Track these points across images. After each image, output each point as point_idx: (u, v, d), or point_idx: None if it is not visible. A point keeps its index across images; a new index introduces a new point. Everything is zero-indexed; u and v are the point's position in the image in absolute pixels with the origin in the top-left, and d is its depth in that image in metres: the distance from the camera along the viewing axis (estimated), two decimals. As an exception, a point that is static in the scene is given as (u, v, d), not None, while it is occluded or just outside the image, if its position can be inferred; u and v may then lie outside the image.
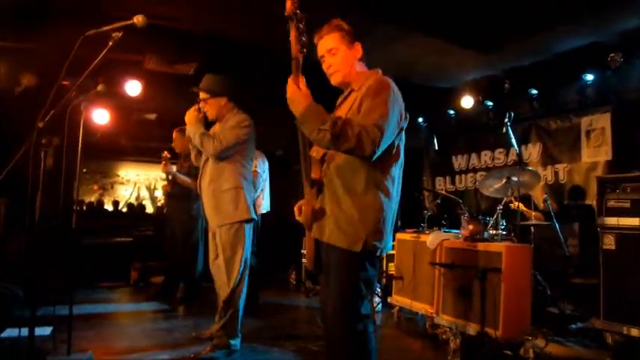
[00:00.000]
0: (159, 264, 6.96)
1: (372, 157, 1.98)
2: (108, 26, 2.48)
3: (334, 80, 2.25)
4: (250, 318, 4.79)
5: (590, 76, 5.74)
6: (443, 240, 4.34)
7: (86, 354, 3.42)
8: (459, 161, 7.76)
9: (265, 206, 5.44)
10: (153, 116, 8.17)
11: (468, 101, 6.93)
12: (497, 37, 5.36)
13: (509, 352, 3.60)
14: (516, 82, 6.42)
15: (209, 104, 3.64)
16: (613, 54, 5.30)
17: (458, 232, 4.42)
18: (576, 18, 4.87)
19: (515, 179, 4.45)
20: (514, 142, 4.55)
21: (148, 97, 6.60)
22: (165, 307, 5.49)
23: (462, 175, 7.69)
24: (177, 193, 5.64)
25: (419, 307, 4.54)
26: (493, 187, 4.81)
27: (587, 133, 5.87)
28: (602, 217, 4.02)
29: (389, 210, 2.13)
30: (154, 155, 5.83)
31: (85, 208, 9.72)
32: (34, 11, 4.82)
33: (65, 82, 3.06)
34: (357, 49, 2.23)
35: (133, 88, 6.20)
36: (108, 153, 9.53)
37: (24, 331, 2.70)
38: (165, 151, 5.37)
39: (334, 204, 2.10)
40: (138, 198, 10.96)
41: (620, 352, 3.78)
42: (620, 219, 3.88)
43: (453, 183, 7.85)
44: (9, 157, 2.73)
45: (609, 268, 3.91)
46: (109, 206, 10.38)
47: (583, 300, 4.62)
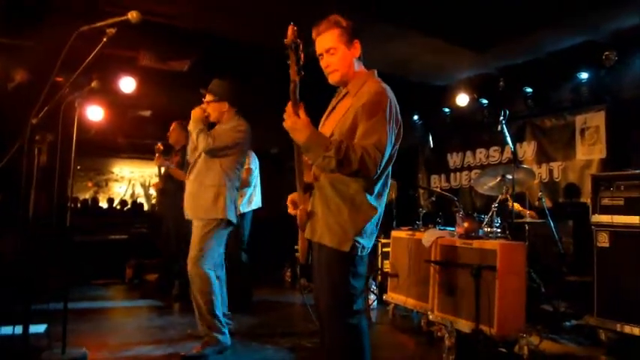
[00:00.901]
0: (153, 261, 6.95)
1: (375, 177, 2.05)
2: (102, 22, 2.47)
3: (332, 79, 2.24)
4: (245, 315, 4.80)
5: (585, 75, 5.75)
6: (438, 238, 4.34)
7: (81, 351, 3.41)
8: (454, 159, 7.77)
9: (257, 202, 5.42)
10: (147, 113, 8.15)
11: (463, 99, 6.93)
12: (492, 35, 5.37)
13: (503, 350, 3.61)
14: (511, 80, 6.43)
15: (212, 107, 3.78)
16: (607, 52, 5.31)
17: (453, 229, 4.43)
18: (571, 17, 4.88)
19: (510, 177, 4.46)
20: (509, 140, 4.56)
21: (142, 94, 6.57)
22: (160, 304, 5.48)
23: (457, 173, 7.70)
24: (169, 189, 5.61)
25: (414, 304, 4.55)
26: (488, 185, 4.82)
27: (582, 131, 5.89)
28: (596, 215, 4.04)
29: (377, 212, 2.18)
30: (148, 152, 5.81)
31: (80, 205, 9.68)
32: (27, 7, 4.78)
33: (59, 79, 3.04)
34: (356, 47, 2.21)
35: (127, 84, 6.17)
36: (102, 150, 9.51)
37: (18, 329, 2.69)
38: (159, 144, 5.35)
39: (325, 206, 2.14)
40: (132, 195, 10.94)
41: (614, 349, 3.80)
42: (614, 217, 3.90)
43: (448, 181, 7.87)
44: (2, 154, 2.72)
45: (603, 265, 3.93)
46: (103, 203, 10.35)
47: (577, 297, 4.64)
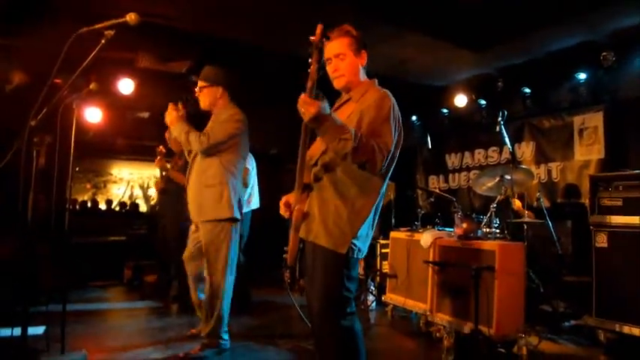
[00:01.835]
0: (152, 262, 6.94)
1: (378, 174, 2.09)
2: (100, 24, 2.46)
3: (338, 84, 2.30)
4: (243, 316, 4.80)
5: (583, 75, 5.77)
6: (436, 238, 4.35)
7: (80, 353, 3.41)
8: (452, 160, 7.77)
9: (255, 203, 5.42)
10: (146, 115, 8.13)
11: (461, 100, 6.94)
12: (491, 36, 5.38)
13: (502, 350, 3.61)
14: (509, 80, 6.44)
15: (204, 93, 3.64)
16: (605, 53, 5.33)
17: (451, 230, 4.43)
18: (569, 17, 4.89)
19: (509, 177, 4.46)
20: (507, 140, 4.56)
21: (140, 96, 6.57)
22: (159, 305, 5.48)
23: (456, 174, 7.71)
24: (169, 190, 5.61)
25: (413, 305, 4.55)
26: (486, 186, 4.83)
27: (580, 131, 5.90)
28: (594, 215, 4.04)
29: (374, 214, 2.22)
30: (147, 154, 5.81)
31: (78, 207, 9.67)
32: (25, 8, 4.78)
33: (57, 81, 3.04)
34: (363, 57, 2.29)
35: (125, 86, 6.17)
36: (101, 152, 9.49)
37: (17, 331, 2.69)
38: (161, 146, 5.33)
39: (323, 207, 2.16)
40: (131, 197, 10.92)
41: (613, 350, 3.80)
42: (613, 217, 3.90)
43: (446, 181, 7.87)
44: (0, 156, 2.71)
45: (602, 266, 3.93)
46: (102, 205, 10.34)
47: (576, 298, 4.64)
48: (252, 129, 3.74)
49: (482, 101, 6.94)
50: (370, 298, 5.39)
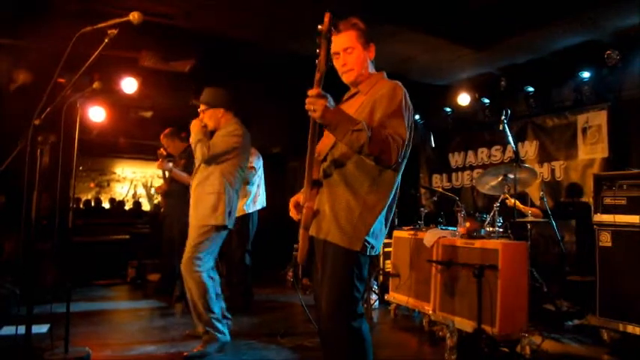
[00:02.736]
0: (155, 261, 6.96)
1: (393, 166, 2.01)
2: (104, 23, 2.47)
3: (347, 78, 2.26)
4: (246, 315, 4.81)
5: (587, 74, 5.74)
6: (440, 237, 4.35)
7: (84, 351, 3.42)
8: (455, 158, 7.76)
9: (262, 202, 5.43)
10: (149, 114, 8.15)
11: (464, 99, 6.93)
12: (494, 34, 5.36)
13: (505, 349, 3.61)
14: (513, 79, 6.42)
15: (208, 115, 3.79)
16: (609, 51, 5.30)
17: (455, 229, 4.43)
18: (572, 15, 4.87)
19: (512, 176, 4.46)
20: (511, 139, 4.56)
21: (144, 95, 6.59)
22: (162, 304, 5.48)
23: (459, 173, 7.70)
24: (174, 191, 5.62)
25: (416, 304, 4.55)
26: (490, 185, 4.82)
27: (584, 130, 5.88)
28: (598, 215, 4.03)
29: (388, 211, 2.17)
30: (150, 153, 5.82)
31: (82, 205, 9.70)
32: (29, 8, 4.79)
33: (61, 80, 3.05)
34: (371, 49, 2.26)
35: (129, 85, 6.17)
36: (104, 150, 9.53)
37: (21, 329, 2.70)
38: (162, 148, 5.35)
39: (335, 202, 2.10)
40: (134, 195, 10.95)
41: (616, 349, 3.79)
42: (617, 216, 3.89)
43: (449, 180, 7.86)
44: (5, 156, 2.73)
45: (605, 265, 3.92)
46: (105, 204, 10.37)
47: (579, 297, 4.64)
48: (255, 128, 3.80)
49: (486, 100, 6.93)
50: (373, 297, 5.39)
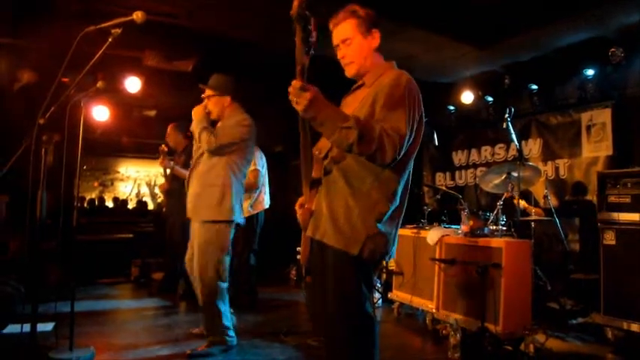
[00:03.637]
0: (159, 260, 6.98)
1: (392, 164, 1.86)
2: (107, 22, 2.48)
3: (348, 72, 2.12)
4: (250, 314, 4.82)
5: (591, 71, 5.73)
6: (443, 236, 4.34)
7: (88, 350, 3.43)
8: (458, 157, 7.75)
9: (266, 202, 5.43)
10: (153, 113, 8.18)
11: (468, 97, 6.91)
12: (497, 32, 5.35)
13: (509, 348, 3.60)
14: (516, 77, 6.41)
15: (213, 102, 3.64)
16: (613, 49, 5.28)
17: (458, 227, 4.42)
18: (576, 12, 4.85)
19: (516, 175, 4.45)
20: (514, 137, 4.55)
21: (147, 94, 6.61)
22: (166, 303, 5.50)
23: (462, 171, 7.69)
24: (176, 189, 5.63)
25: (419, 302, 4.55)
26: (493, 183, 4.82)
27: (588, 128, 5.86)
28: (602, 213, 4.02)
29: (394, 212, 1.99)
30: (153, 152, 5.83)
31: (86, 204, 9.73)
32: (33, 7, 4.81)
33: (65, 79, 3.06)
34: (375, 37, 2.09)
35: (132, 84, 6.19)
36: (108, 150, 9.55)
37: (26, 327, 2.72)
38: (163, 145, 5.35)
39: (333, 201, 1.96)
40: (138, 194, 10.98)
41: (621, 347, 3.78)
42: (621, 214, 3.88)
43: (453, 179, 7.85)
44: (9, 155, 2.74)
45: (609, 263, 3.92)
46: (109, 203, 10.40)
47: (583, 295, 4.63)
48: (257, 127, 3.75)
49: (489, 98, 6.92)
50: (376, 295, 5.39)
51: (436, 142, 8.00)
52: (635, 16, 4.87)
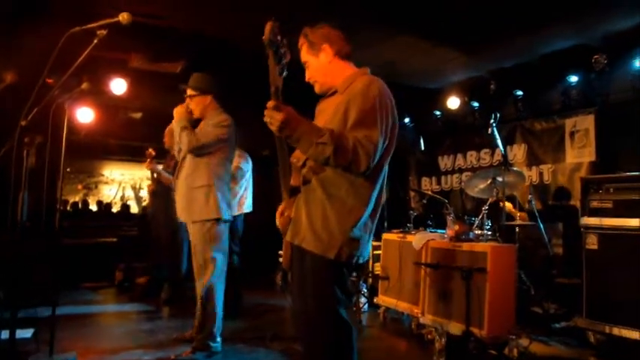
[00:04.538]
0: (143, 265, 6.91)
1: (366, 172, 1.92)
2: (93, 23, 2.45)
3: (316, 90, 2.23)
4: (235, 319, 4.78)
5: (575, 78, 5.79)
6: (428, 240, 4.36)
7: (70, 355, 3.38)
8: (444, 161, 7.79)
9: (248, 205, 5.40)
10: (138, 115, 8.10)
11: (454, 102, 6.96)
12: (483, 38, 5.39)
13: (493, 352, 3.62)
14: (502, 83, 6.46)
15: (195, 102, 3.69)
16: (597, 56, 5.35)
17: (443, 232, 4.44)
18: (560, 20, 4.91)
19: (501, 179, 4.48)
20: (499, 142, 4.59)
21: (133, 96, 6.55)
22: (150, 308, 5.44)
23: (448, 176, 7.72)
24: (161, 192, 5.60)
25: (404, 307, 4.56)
26: (478, 188, 4.85)
27: (572, 134, 5.93)
28: (585, 218, 4.06)
29: (369, 217, 2.06)
30: (139, 154, 5.79)
31: (70, 207, 9.61)
32: (17, 7, 4.75)
33: (49, 80, 3.02)
34: (326, 52, 2.14)
35: (118, 86, 6.13)
36: (92, 152, 9.43)
37: (4, 334, 2.66)
38: (150, 149, 5.33)
39: (311, 208, 2.03)
40: (123, 198, 10.87)
41: (603, 351, 3.82)
42: (603, 219, 3.93)
43: (438, 183, 7.89)
44: (-10, 156, 2.69)
45: (592, 267, 3.96)
46: (93, 206, 10.28)
47: (566, 299, 4.67)
48: (243, 131, 3.76)
49: (475, 103, 6.97)
50: (362, 300, 5.39)
51: (422, 147, 8.05)
52: (619, 24, 4.95)
